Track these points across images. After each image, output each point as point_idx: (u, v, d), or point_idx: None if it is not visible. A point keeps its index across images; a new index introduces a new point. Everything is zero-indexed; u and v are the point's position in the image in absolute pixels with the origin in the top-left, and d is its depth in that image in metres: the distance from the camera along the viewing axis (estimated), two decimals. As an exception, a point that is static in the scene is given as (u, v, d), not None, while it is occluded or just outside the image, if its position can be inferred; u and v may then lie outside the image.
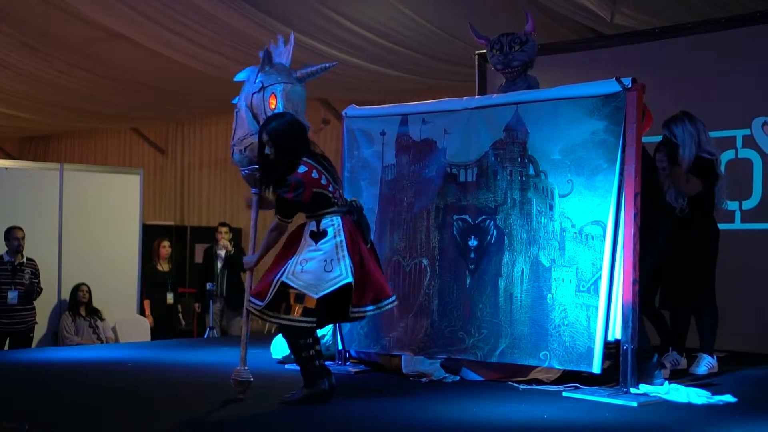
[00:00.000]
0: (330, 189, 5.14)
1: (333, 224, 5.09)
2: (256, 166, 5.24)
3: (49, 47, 11.25)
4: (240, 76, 5.48)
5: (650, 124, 6.20)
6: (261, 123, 5.16)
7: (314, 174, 5.08)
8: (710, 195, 6.51)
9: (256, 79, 5.26)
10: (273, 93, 5.14)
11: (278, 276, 5.03)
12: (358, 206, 5.30)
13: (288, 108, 5.14)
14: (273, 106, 5.13)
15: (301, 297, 5.01)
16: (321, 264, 5.01)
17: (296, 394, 5.10)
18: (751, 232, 7.77)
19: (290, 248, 5.15)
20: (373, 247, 5.40)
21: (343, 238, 5.07)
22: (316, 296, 4.98)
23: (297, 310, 4.99)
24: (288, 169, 5.04)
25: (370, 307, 5.16)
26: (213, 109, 14.81)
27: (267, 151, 5.06)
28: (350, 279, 5.01)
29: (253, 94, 5.23)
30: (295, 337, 5.10)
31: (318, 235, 5.08)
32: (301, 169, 5.05)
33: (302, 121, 5.19)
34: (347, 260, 5.03)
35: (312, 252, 5.05)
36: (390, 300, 5.28)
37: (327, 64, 5.37)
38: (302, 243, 5.12)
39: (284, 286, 5.02)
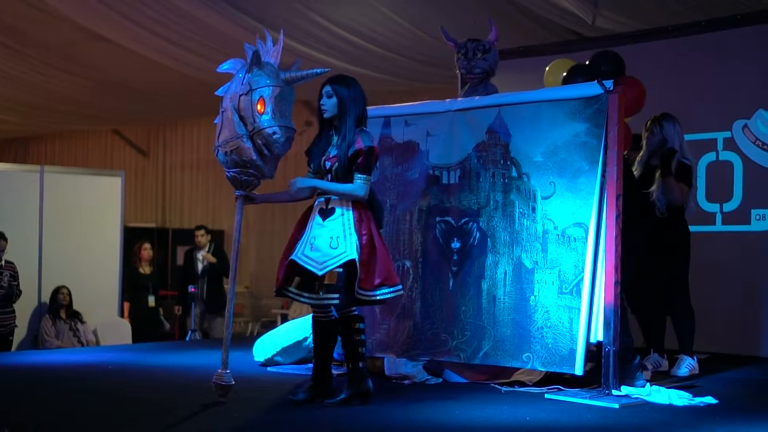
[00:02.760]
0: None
1: (342, 202, 5.07)
2: (241, 169, 5.20)
3: (29, 49, 11.20)
4: (224, 67, 5.33)
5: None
6: (248, 127, 5.10)
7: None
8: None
9: (243, 80, 5.15)
10: (261, 96, 5.04)
11: (290, 257, 5.08)
12: (372, 191, 5.23)
13: (276, 111, 5.06)
14: (261, 110, 5.06)
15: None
16: (327, 240, 5.01)
17: (342, 395, 5.13)
18: (731, 234, 7.82)
19: (300, 230, 5.18)
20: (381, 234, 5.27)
21: (350, 216, 5.04)
22: (320, 273, 4.98)
23: (319, 289, 5.05)
24: (362, 114, 5.14)
25: (375, 292, 5.05)
26: (195, 111, 14.78)
27: (326, 104, 5.14)
28: (354, 256, 4.97)
29: (240, 96, 5.11)
30: (349, 331, 5.15)
31: (326, 213, 5.09)
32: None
33: (289, 124, 5.16)
34: (354, 237, 5.01)
35: (319, 229, 5.05)
36: (394, 288, 5.13)
37: (318, 70, 5.26)
38: (310, 222, 5.13)
39: (294, 266, 5.06)
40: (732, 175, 7.82)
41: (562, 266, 5.63)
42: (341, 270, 4.99)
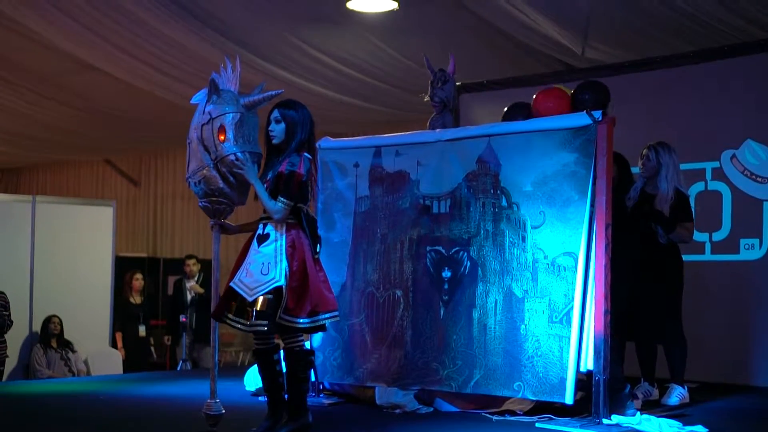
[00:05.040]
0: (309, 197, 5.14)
1: (276, 227, 5.00)
2: (211, 198, 5.17)
3: (20, 78, 11.23)
4: (196, 98, 5.36)
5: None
6: (211, 156, 5.08)
7: (312, 169, 5.10)
8: None
9: (204, 110, 5.16)
10: (222, 124, 5.03)
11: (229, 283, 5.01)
12: (310, 217, 5.17)
13: (238, 137, 5.04)
14: (222, 138, 5.02)
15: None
16: (259, 266, 4.94)
17: (281, 430, 5.00)
18: (720, 263, 7.84)
19: (243, 255, 5.10)
20: (319, 261, 5.17)
21: (283, 242, 4.97)
22: (251, 299, 4.87)
23: (250, 315, 4.90)
24: (306, 139, 5.07)
25: (304, 320, 4.94)
26: (186, 140, 14.80)
27: (274, 130, 5.08)
28: (282, 282, 4.88)
29: (202, 126, 5.13)
30: (300, 363, 5.05)
31: (261, 238, 5.03)
32: (307, 156, 5.08)
33: (255, 149, 5.13)
34: (284, 264, 4.92)
35: (254, 255, 5.00)
36: (329, 314, 5.06)
37: (272, 93, 5.20)
38: (250, 248, 5.07)
39: (231, 292, 4.97)
40: (721, 204, 7.86)
41: (552, 295, 5.66)
42: (271, 297, 4.87)
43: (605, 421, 5.35)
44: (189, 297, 11.18)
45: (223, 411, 5.16)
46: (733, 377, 7.57)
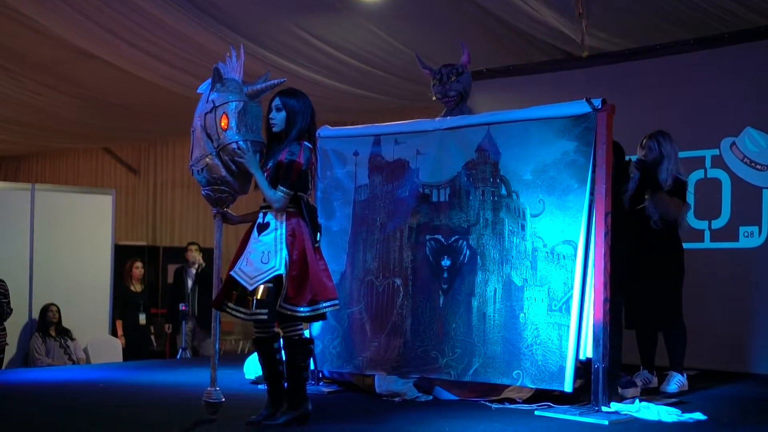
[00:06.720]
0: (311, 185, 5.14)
1: (276, 216, 5.00)
2: (213, 186, 5.18)
3: (19, 67, 11.23)
4: (202, 88, 5.36)
5: None
6: (214, 144, 5.08)
7: (312, 158, 5.09)
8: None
9: (207, 99, 5.17)
10: (224, 113, 5.04)
11: (229, 272, 5.01)
12: (310, 206, 5.16)
13: (240, 126, 5.05)
14: (225, 126, 5.04)
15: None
16: (259, 255, 4.94)
17: (281, 419, 5.02)
18: (720, 251, 7.85)
19: (243, 244, 5.10)
20: (319, 249, 5.17)
21: (283, 231, 4.97)
22: (251, 288, 4.87)
23: (250, 304, 4.91)
24: (307, 128, 5.06)
25: (305, 309, 4.94)
26: (185, 129, 14.70)
27: (275, 118, 5.06)
28: (282, 271, 4.88)
29: (205, 114, 5.14)
30: (300, 351, 5.05)
31: (261, 227, 5.03)
32: (307, 144, 5.07)
33: (257, 138, 5.13)
34: (284, 252, 4.92)
35: (254, 244, 5.00)
36: (330, 303, 5.05)
37: (275, 81, 5.19)
38: (250, 237, 5.07)
39: (232, 280, 4.97)
40: (720, 192, 7.87)
41: (552, 284, 5.66)
42: (271, 285, 4.87)
43: (604, 408, 5.36)
44: (190, 285, 11.18)
45: (223, 399, 5.18)
46: (732, 365, 7.59)
